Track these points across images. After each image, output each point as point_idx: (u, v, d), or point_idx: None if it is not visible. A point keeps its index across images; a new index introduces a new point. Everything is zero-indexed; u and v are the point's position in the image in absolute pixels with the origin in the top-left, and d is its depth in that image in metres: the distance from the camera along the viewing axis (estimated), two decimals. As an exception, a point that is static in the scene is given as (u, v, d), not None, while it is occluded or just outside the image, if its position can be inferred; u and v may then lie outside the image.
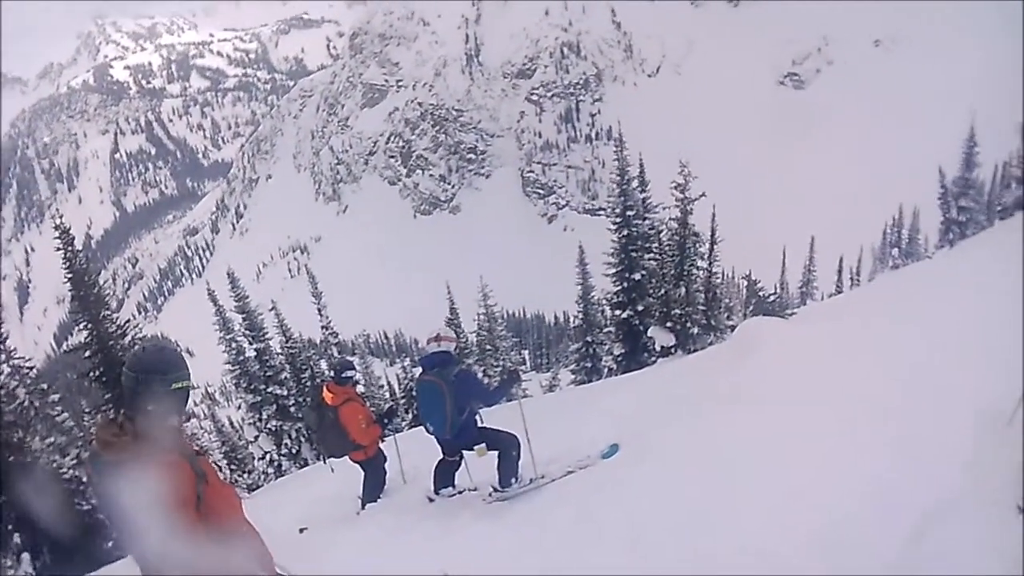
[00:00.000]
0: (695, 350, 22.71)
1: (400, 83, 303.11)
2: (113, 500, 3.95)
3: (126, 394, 4.14)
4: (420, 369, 9.02)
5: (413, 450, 11.79)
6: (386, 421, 11.37)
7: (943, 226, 36.06)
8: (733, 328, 19.85)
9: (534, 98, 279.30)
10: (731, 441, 6.75)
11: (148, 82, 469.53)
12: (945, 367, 5.80)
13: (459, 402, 8.39)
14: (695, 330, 24.56)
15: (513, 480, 8.72)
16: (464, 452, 9.25)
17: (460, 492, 9.48)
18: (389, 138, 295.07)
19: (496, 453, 8.70)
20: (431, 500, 9.57)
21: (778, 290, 44.45)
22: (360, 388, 11.97)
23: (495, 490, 8.75)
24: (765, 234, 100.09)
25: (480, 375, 33.57)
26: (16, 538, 16.93)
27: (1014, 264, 7.98)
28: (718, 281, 27.19)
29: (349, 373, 10.76)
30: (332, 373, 10.96)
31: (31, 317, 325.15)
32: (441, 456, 9.37)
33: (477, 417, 8.88)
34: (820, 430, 5.93)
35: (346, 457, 10.91)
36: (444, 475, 9.51)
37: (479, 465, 9.31)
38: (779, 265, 51.87)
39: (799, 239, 59.00)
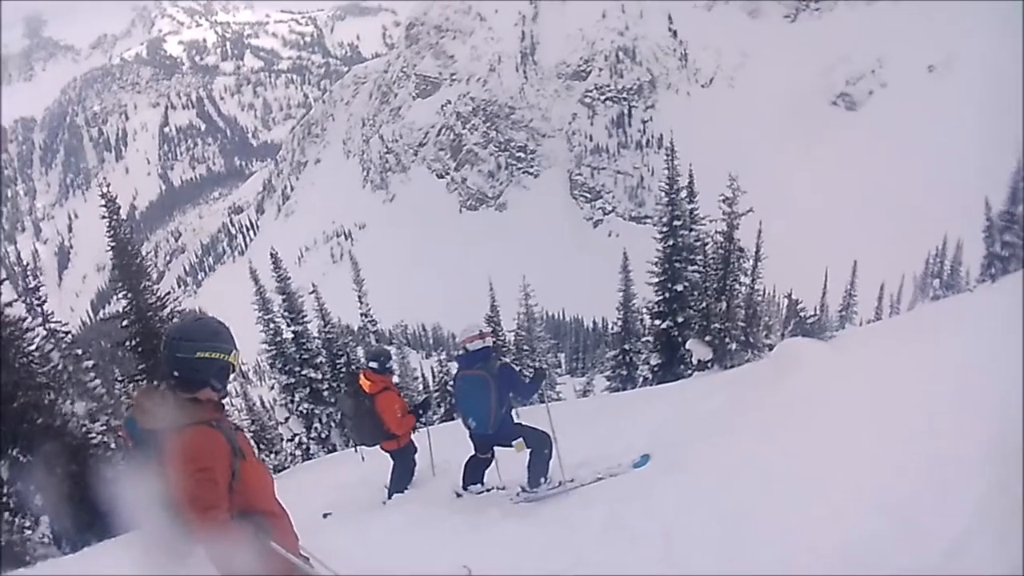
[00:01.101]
0: (732, 366, 22.67)
1: (454, 76, 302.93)
2: (147, 468, 4.07)
3: (175, 366, 4.19)
4: (458, 365, 9.04)
5: (445, 444, 11.76)
6: (420, 412, 11.35)
7: (986, 260, 35.68)
8: (771, 347, 19.86)
9: (587, 100, 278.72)
10: (764, 457, 6.75)
11: (201, 58, 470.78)
12: (977, 400, 5.80)
13: (501, 396, 8.43)
14: (733, 346, 24.50)
15: (543, 480, 8.74)
16: (495, 450, 9.28)
17: (488, 490, 9.53)
18: (440, 131, 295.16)
19: (528, 452, 8.71)
20: (459, 495, 9.60)
21: (818, 312, 44.24)
22: (395, 379, 11.99)
23: (523, 490, 8.79)
24: (809, 254, 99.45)
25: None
26: (37, 500, 17.02)
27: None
28: (759, 298, 27.12)
29: (387, 362, 10.74)
30: (370, 361, 10.86)
31: (70, 283, 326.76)
32: (473, 452, 9.39)
33: (513, 413, 8.98)
34: (853, 453, 5.93)
35: (377, 446, 10.98)
36: (474, 471, 9.54)
37: (509, 465, 9.38)
38: (820, 287, 51.64)
39: (842, 262, 58.65)
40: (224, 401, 4.45)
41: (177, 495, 3.89)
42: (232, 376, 4.48)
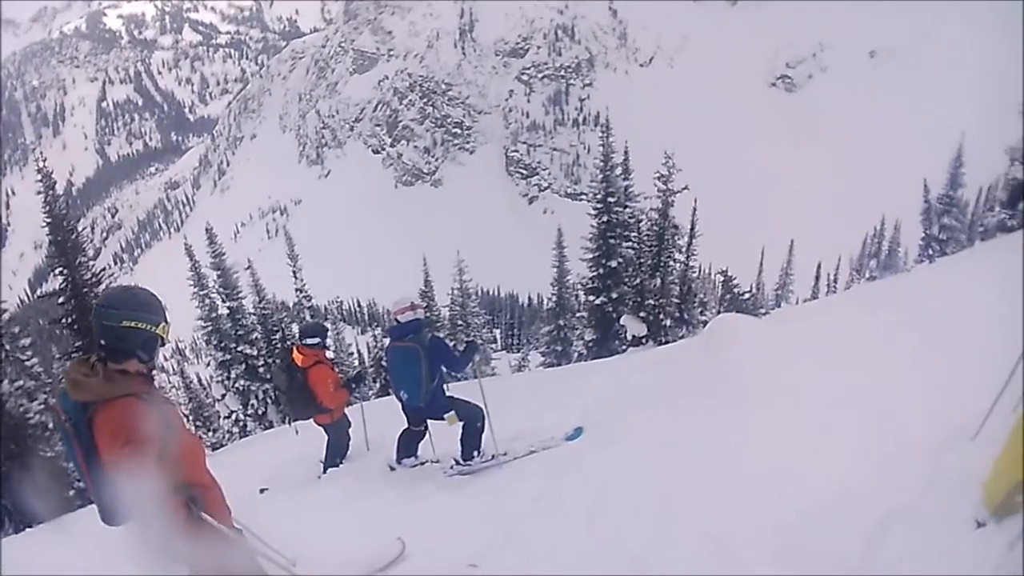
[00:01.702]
0: (667, 342, 22.79)
1: (392, 52, 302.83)
2: (78, 442, 4.02)
3: (102, 335, 4.14)
4: (390, 336, 8.99)
5: (379, 419, 11.72)
6: (354, 386, 11.39)
7: (923, 242, 36.16)
8: (705, 323, 19.90)
9: (524, 78, 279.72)
10: (699, 432, 6.80)
11: (140, 32, 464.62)
12: (915, 378, 5.79)
13: (432, 368, 8.39)
14: (668, 322, 24.68)
15: (476, 453, 8.75)
16: (429, 423, 9.26)
17: (422, 463, 9.49)
18: (376, 106, 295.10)
19: (460, 425, 8.69)
20: (392, 469, 9.56)
21: (753, 290, 44.62)
22: (330, 354, 11.91)
23: (457, 463, 8.76)
24: (745, 233, 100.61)
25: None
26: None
27: (992, 284, 8.02)
28: (694, 275, 27.34)
29: (317, 338, 10.68)
30: (304, 336, 10.81)
31: (7, 261, 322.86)
32: (406, 426, 9.35)
33: (445, 386, 8.91)
34: (788, 429, 5.93)
35: (311, 420, 10.94)
36: (408, 444, 9.50)
37: (442, 439, 9.34)
38: (756, 265, 52.04)
39: (778, 241, 59.33)
40: (153, 373, 4.37)
41: (107, 469, 3.90)
42: (160, 348, 4.41)
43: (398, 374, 8.75)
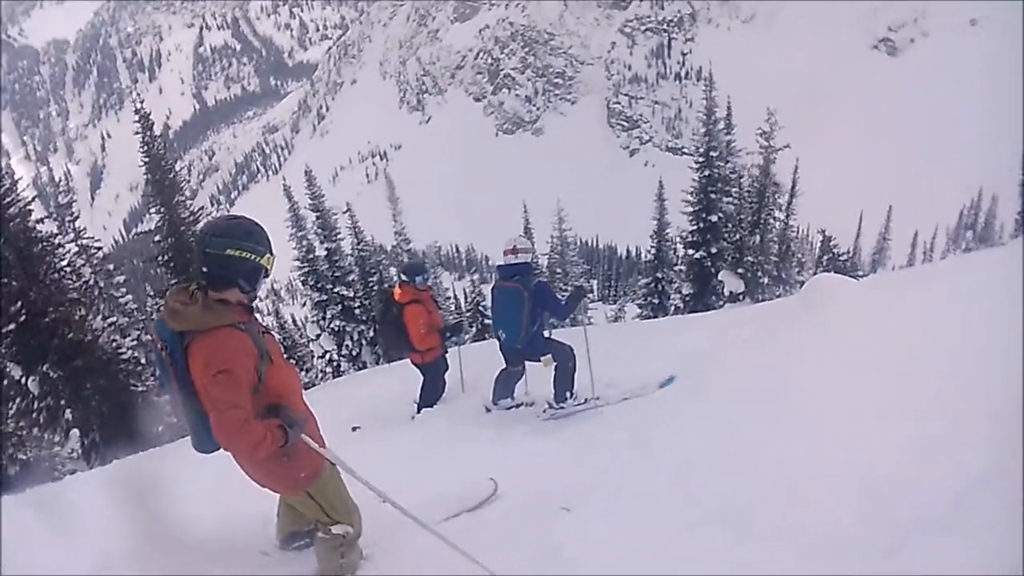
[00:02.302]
0: (764, 299, 22.73)
1: (493, 1, 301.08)
2: (173, 371, 4.15)
3: (205, 263, 4.23)
4: (496, 275, 9.12)
5: (476, 362, 11.84)
6: (449, 335, 11.23)
7: (1019, 216, 35.50)
8: (802, 283, 19.75)
9: (627, 30, 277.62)
10: (788, 388, 6.78)
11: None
12: (1002, 348, 5.77)
13: (535, 311, 8.52)
14: (765, 280, 24.62)
15: (568, 394, 8.83)
16: (526, 364, 9.40)
17: (518, 405, 9.60)
18: (478, 55, 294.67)
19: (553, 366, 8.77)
20: (488, 410, 9.69)
21: (851, 253, 44.12)
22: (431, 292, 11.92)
23: (550, 406, 8.85)
24: (844, 196, 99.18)
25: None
26: (67, 414, 17.18)
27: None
28: (793, 235, 27.15)
29: (419, 275, 10.69)
30: (403, 272, 10.87)
31: (103, 202, 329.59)
32: (504, 367, 9.47)
33: (545, 332, 9.02)
34: (876, 391, 5.91)
35: (404, 358, 11.05)
36: (505, 385, 9.62)
37: (539, 381, 9.46)
38: (855, 229, 51.40)
39: (877, 206, 58.44)
40: (254, 304, 4.49)
41: (201, 396, 4.08)
42: (264, 279, 4.46)
43: (500, 314, 8.89)
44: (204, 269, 4.21)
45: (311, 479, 4.64)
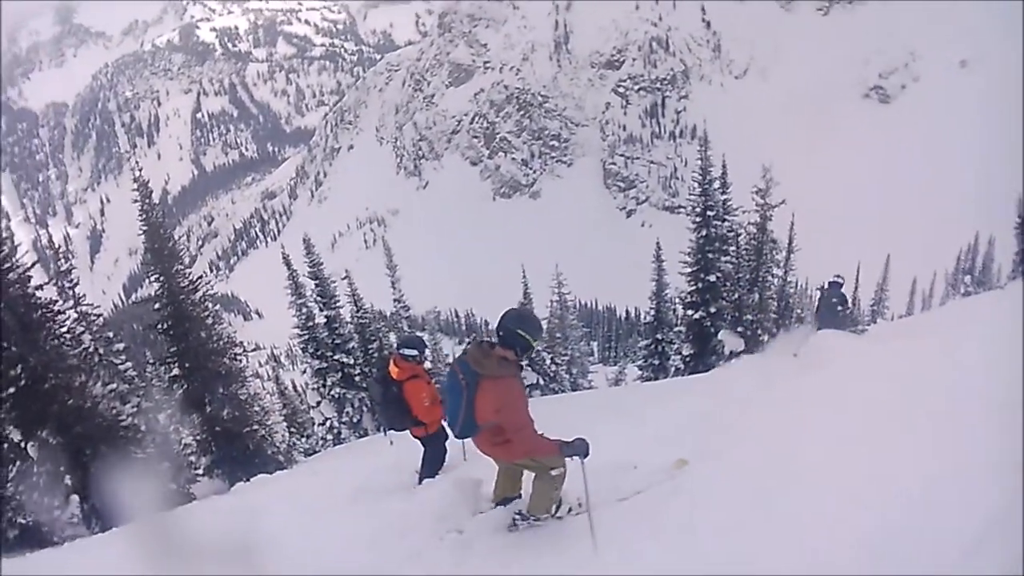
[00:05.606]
0: (763, 357, 22.74)
1: (487, 64, 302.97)
2: (466, 396, 6.50)
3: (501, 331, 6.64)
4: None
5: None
6: None
7: (1017, 256, 35.63)
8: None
9: (620, 90, 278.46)
10: (791, 448, 6.80)
11: (234, 45, 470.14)
12: (1009, 394, 5.82)
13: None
14: (765, 337, 24.69)
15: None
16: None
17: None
18: (473, 118, 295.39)
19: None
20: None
21: (850, 305, 44.27)
22: (427, 365, 11.98)
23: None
24: (840, 247, 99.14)
25: (548, 361, 34.07)
26: (67, 480, 17.14)
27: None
28: (792, 290, 27.25)
29: (415, 351, 10.74)
30: (402, 347, 10.89)
31: (102, 267, 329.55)
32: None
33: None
34: (883, 442, 5.97)
35: (406, 431, 11.08)
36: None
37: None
38: (852, 280, 51.54)
39: (874, 256, 58.60)
40: (521, 363, 6.85)
41: (514, 417, 6.50)
42: (529, 352, 6.78)
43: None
44: (500, 334, 6.59)
45: (553, 451, 6.66)
